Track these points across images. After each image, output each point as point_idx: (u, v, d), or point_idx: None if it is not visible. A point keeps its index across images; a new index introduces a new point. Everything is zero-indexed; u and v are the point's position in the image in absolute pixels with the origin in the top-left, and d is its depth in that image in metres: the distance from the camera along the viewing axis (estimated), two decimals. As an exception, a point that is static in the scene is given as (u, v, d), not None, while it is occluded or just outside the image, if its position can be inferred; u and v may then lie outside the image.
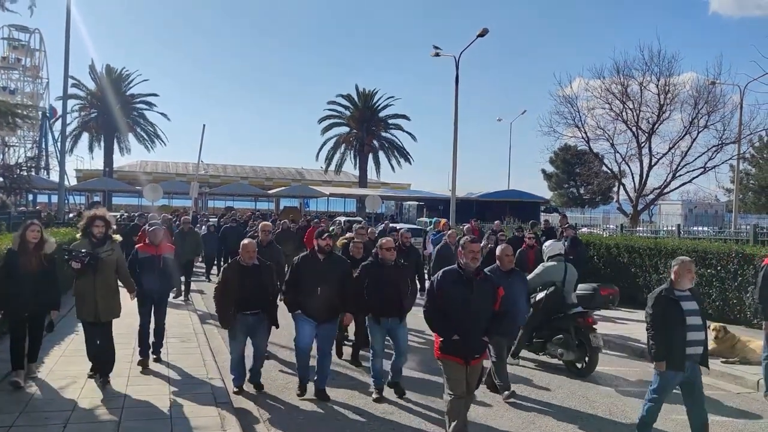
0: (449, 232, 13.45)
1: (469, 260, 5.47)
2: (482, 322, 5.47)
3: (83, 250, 6.97)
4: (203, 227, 21.73)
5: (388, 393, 7.34)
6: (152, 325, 8.35)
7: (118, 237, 7.67)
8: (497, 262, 7.64)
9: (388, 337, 7.33)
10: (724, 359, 8.99)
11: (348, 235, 12.31)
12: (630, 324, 11.79)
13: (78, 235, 7.73)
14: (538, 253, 10.97)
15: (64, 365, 7.93)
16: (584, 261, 13.27)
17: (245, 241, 7.38)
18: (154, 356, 8.33)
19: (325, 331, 7.19)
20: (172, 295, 9.49)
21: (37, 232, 6.99)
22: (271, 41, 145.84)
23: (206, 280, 17.88)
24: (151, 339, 8.32)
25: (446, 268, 5.68)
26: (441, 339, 5.47)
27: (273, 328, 7.46)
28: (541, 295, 8.86)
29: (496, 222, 17.81)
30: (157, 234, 8.43)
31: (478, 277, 5.52)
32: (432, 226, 18.87)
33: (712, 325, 9.37)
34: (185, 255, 13.17)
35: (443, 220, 15.91)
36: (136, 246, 8.71)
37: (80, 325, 10.32)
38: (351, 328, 8.96)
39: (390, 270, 7.25)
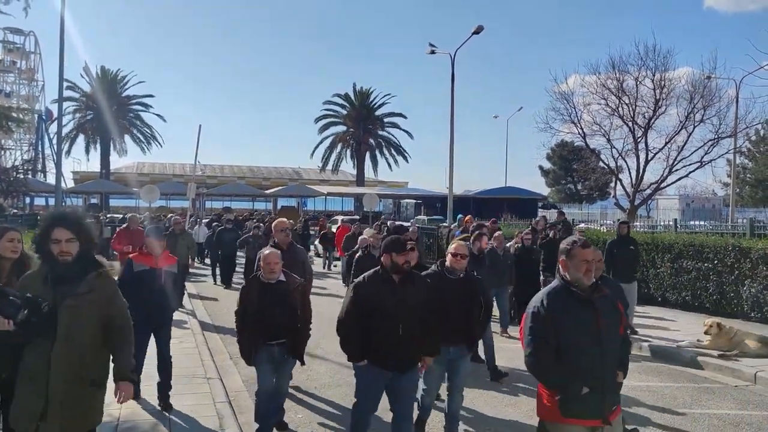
0: (497, 233, 11.48)
1: (582, 273, 3.68)
2: (615, 358, 3.80)
3: (25, 295, 3.59)
4: (198, 227, 21.66)
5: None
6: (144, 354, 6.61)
7: (107, 263, 4.17)
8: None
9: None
10: (721, 353, 9.01)
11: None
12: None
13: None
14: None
15: None
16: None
17: (266, 251, 5.80)
18: (161, 404, 6.50)
19: (405, 384, 5.02)
20: None
21: (17, 242, 4.33)
22: (266, 41, 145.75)
23: (223, 285, 17.00)
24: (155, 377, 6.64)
25: (550, 287, 3.83)
26: (559, 396, 3.66)
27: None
28: None
29: (537, 219, 16.21)
30: (156, 241, 6.76)
31: (597, 294, 3.73)
32: (456, 224, 16.47)
33: (706, 321, 9.41)
34: (178, 259, 13.01)
35: (467, 217, 14.30)
36: (131, 256, 6.93)
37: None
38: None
39: (457, 284, 5.68)
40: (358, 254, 9.40)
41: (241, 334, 5.73)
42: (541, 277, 11.75)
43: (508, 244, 12.02)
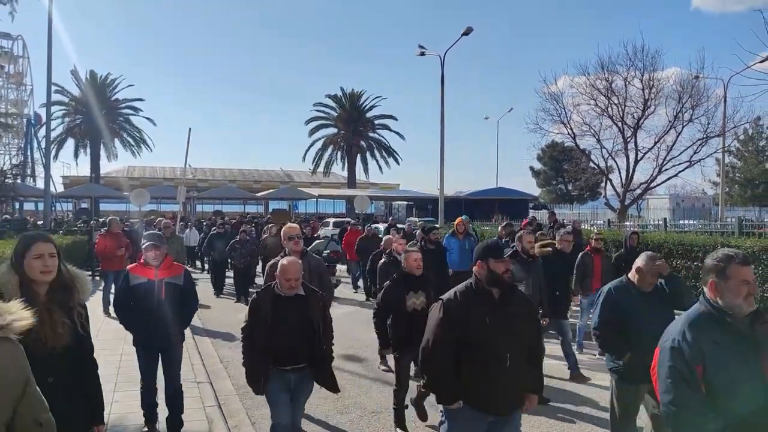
0: (524, 234, 9.20)
1: (741, 299, 2.91)
2: None
3: None
4: (189, 231, 21.52)
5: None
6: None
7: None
8: (636, 277, 4.96)
9: None
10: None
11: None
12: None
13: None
14: (608, 260, 10.00)
15: None
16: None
17: (285, 260, 4.83)
18: None
19: None
20: None
21: (50, 258, 3.12)
22: (257, 43, 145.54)
23: (215, 293, 15.88)
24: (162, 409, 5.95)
25: (693, 314, 3.02)
26: None
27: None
28: None
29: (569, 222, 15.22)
30: (155, 249, 5.77)
31: (760, 325, 2.93)
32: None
33: None
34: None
35: (459, 218, 13.51)
36: (128, 268, 6.02)
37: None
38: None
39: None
40: (382, 260, 8.98)
41: (250, 356, 4.83)
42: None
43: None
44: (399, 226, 21.25)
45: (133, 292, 5.72)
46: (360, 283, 16.28)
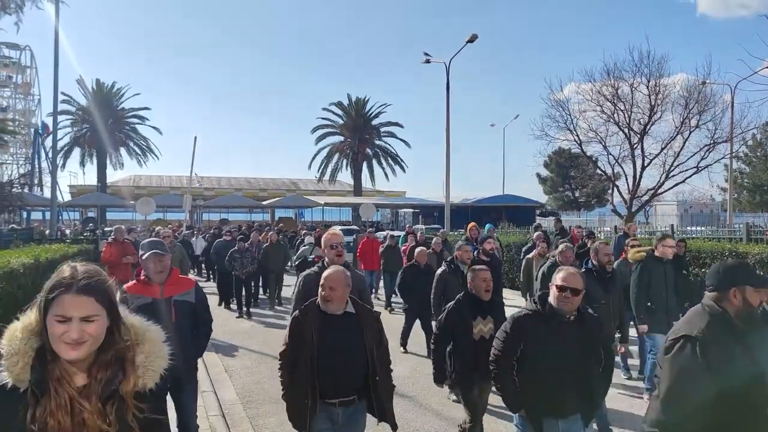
0: (563, 247, 8.34)
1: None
2: None
3: None
4: (195, 239, 21.50)
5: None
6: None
7: None
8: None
9: None
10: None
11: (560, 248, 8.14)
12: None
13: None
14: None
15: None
16: None
17: (329, 271, 4.08)
18: None
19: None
20: None
21: (93, 324, 1.91)
22: (262, 52, 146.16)
23: (221, 304, 14.67)
24: None
25: None
26: None
27: None
28: None
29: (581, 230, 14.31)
30: (158, 259, 4.77)
31: None
32: (486, 233, 14.11)
33: None
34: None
35: (472, 223, 12.47)
36: (125, 287, 4.82)
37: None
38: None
39: (567, 329, 3.94)
40: (441, 269, 8.12)
41: (292, 388, 4.02)
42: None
43: (530, 255, 10.91)
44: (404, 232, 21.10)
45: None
46: (381, 293, 15.37)
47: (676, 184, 25.26)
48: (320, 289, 3.98)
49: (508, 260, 16.86)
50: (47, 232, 23.16)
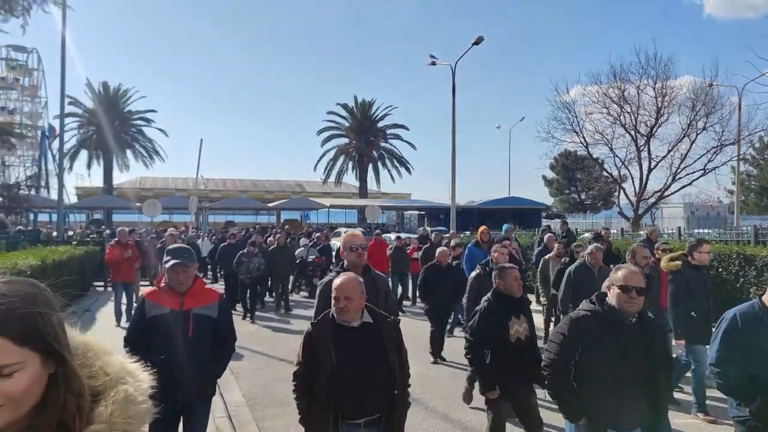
0: (593, 248, 8.34)
1: None
2: None
3: None
4: (201, 241, 21.50)
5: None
6: None
7: None
8: None
9: None
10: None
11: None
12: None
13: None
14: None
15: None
16: None
17: (342, 280, 3.69)
18: None
19: None
20: None
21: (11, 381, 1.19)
22: (268, 54, 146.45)
23: (249, 319, 13.44)
24: None
25: None
26: None
27: None
28: None
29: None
30: (184, 270, 4.24)
31: None
32: (504, 233, 13.93)
33: None
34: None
35: (483, 227, 12.19)
36: (143, 294, 4.44)
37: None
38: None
39: (631, 332, 3.69)
40: (476, 272, 7.73)
41: (310, 410, 3.66)
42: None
43: (547, 256, 10.92)
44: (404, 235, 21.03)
45: (151, 327, 4.19)
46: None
47: (683, 187, 25.23)
48: (334, 301, 3.61)
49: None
50: (54, 234, 23.26)
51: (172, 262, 4.21)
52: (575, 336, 3.68)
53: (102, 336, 3.31)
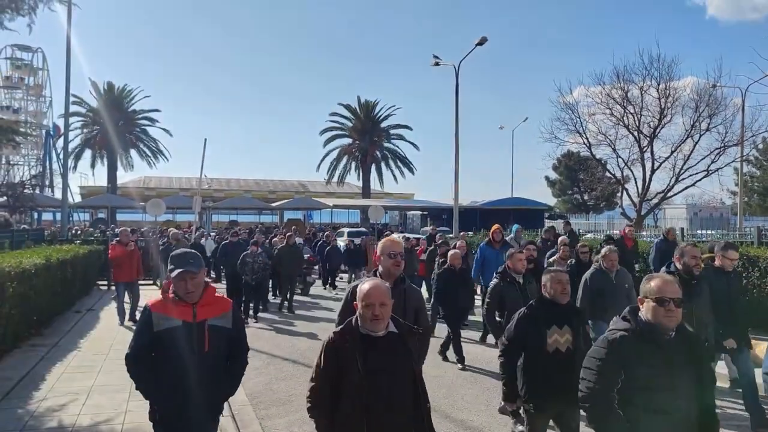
0: (606, 250, 7.89)
1: None
2: None
3: None
4: (205, 240, 21.54)
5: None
6: None
7: None
8: None
9: None
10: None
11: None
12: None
13: None
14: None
15: (66, 382, 7.90)
16: None
17: (371, 284, 3.33)
18: None
19: None
20: None
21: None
22: (272, 54, 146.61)
23: (253, 319, 13.36)
24: None
25: None
26: None
27: None
28: None
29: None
30: (191, 277, 3.72)
31: None
32: (512, 236, 13.18)
33: None
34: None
35: (496, 226, 11.52)
36: (149, 304, 3.83)
37: (82, 341, 10.42)
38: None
39: (671, 347, 3.31)
40: (494, 282, 7.04)
41: (322, 426, 3.38)
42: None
43: (552, 258, 10.52)
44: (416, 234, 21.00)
45: (160, 343, 3.68)
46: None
47: (686, 188, 25.17)
48: (364, 308, 3.25)
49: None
50: (58, 230, 23.33)
51: (177, 270, 3.70)
52: (615, 360, 3.23)
53: (105, 334, 3.36)
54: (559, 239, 11.80)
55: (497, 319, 6.76)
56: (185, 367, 3.64)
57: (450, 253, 10.01)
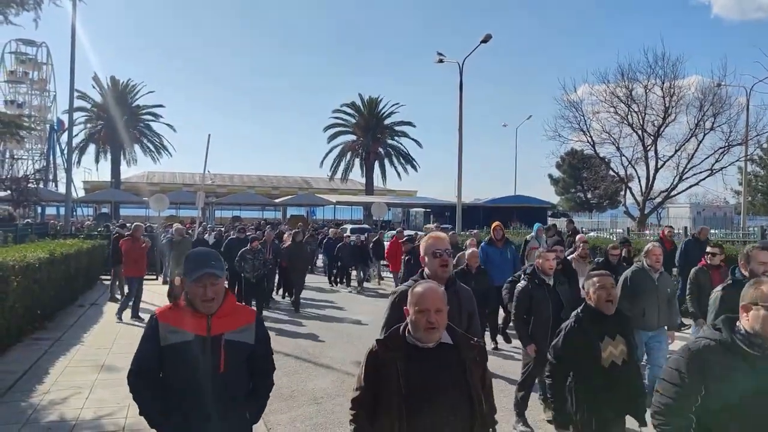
0: (650, 245, 7.09)
1: None
2: None
3: None
4: (208, 235, 21.53)
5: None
6: None
7: None
8: None
9: None
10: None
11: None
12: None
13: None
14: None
15: (69, 376, 7.93)
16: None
17: (425, 287, 2.91)
18: None
19: None
20: None
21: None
22: (276, 51, 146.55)
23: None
24: None
25: None
26: None
27: None
28: None
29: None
30: (212, 281, 3.08)
31: None
32: (534, 234, 12.61)
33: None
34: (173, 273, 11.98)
35: (496, 223, 10.96)
36: (156, 312, 3.23)
37: (86, 335, 10.45)
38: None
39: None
40: (522, 285, 6.40)
41: None
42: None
43: (571, 256, 9.53)
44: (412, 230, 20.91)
45: (167, 359, 3.08)
46: None
47: (690, 187, 25.12)
48: (417, 314, 2.83)
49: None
50: (62, 225, 23.36)
51: (196, 273, 3.05)
52: (697, 372, 2.77)
53: (109, 328, 3.36)
54: (578, 237, 11.25)
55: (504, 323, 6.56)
56: (196, 390, 3.03)
57: (468, 252, 9.37)
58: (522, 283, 6.43)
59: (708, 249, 7.82)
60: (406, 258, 11.76)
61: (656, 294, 6.74)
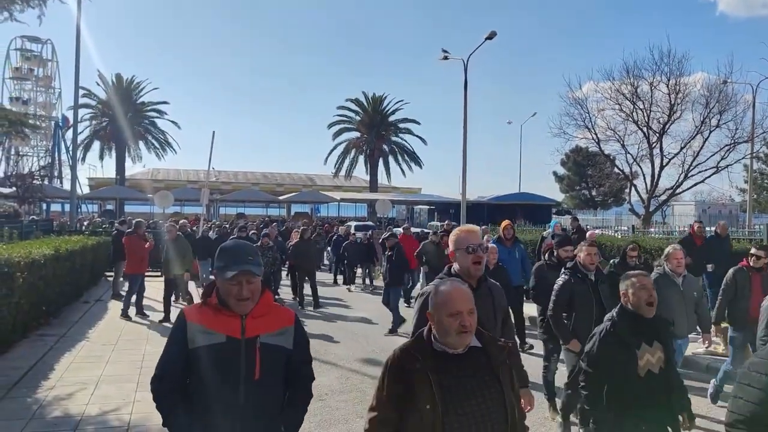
0: (671, 248, 6.68)
1: None
2: None
3: None
4: (211, 232, 21.54)
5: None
6: None
7: None
8: None
9: None
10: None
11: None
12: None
13: None
14: None
15: (74, 372, 7.95)
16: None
17: (452, 287, 2.67)
18: None
19: None
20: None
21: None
22: (280, 48, 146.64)
23: None
24: None
25: None
26: None
27: None
28: None
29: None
30: (248, 279, 2.77)
31: None
32: (551, 230, 12.38)
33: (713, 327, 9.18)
34: (173, 269, 12.02)
35: (506, 222, 10.70)
36: (184, 311, 2.88)
37: (91, 332, 10.48)
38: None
39: None
40: (563, 280, 6.01)
41: None
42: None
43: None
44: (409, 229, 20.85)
45: (196, 363, 2.77)
46: (414, 293, 13.41)
47: (695, 184, 25.02)
48: (448, 318, 2.57)
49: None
50: (68, 222, 23.44)
51: (231, 271, 2.76)
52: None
53: (114, 324, 3.37)
54: (588, 234, 11.10)
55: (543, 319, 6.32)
56: (228, 398, 2.74)
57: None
58: (563, 278, 5.99)
59: (752, 251, 7.45)
60: (388, 254, 11.63)
61: (683, 300, 6.35)
